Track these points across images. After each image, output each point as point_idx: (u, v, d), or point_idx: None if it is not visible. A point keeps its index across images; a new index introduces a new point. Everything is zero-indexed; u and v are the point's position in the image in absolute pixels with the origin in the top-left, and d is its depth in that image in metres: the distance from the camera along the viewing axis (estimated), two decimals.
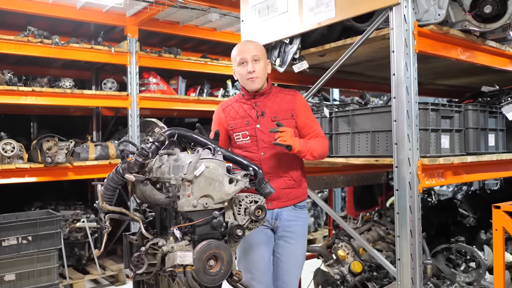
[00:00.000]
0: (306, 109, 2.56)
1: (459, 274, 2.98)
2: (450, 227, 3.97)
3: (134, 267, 1.98)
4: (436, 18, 2.43)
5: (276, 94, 2.57)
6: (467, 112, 2.80)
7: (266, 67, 2.55)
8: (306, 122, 2.52)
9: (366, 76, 4.09)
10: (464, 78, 4.26)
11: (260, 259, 2.50)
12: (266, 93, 2.55)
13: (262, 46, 2.64)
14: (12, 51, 4.38)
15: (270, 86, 2.58)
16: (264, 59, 2.53)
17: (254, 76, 2.47)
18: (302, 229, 2.57)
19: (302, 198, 2.57)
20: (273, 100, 2.55)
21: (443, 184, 2.61)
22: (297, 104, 2.53)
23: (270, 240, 2.55)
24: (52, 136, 4.44)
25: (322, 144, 2.50)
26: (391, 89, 2.43)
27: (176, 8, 4.71)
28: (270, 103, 2.54)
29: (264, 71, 2.52)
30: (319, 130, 2.56)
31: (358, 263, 3.00)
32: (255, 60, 2.48)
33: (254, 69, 2.46)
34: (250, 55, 2.48)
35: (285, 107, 2.53)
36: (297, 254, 2.55)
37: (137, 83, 5.08)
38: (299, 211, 2.55)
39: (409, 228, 2.33)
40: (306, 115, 2.54)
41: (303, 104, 2.56)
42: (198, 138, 2.18)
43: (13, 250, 3.83)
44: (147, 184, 2.01)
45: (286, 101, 2.55)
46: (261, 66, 2.49)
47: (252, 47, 2.52)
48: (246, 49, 2.51)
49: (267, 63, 2.57)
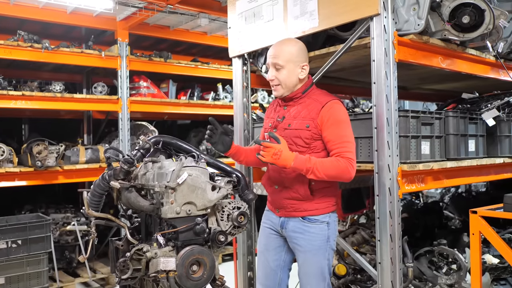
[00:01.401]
0: (333, 122, 2.26)
1: (441, 276, 3.05)
2: (435, 230, 4.04)
3: (120, 272, 2.03)
4: (416, 28, 2.50)
5: (310, 98, 2.36)
6: (448, 119, 2.87)
7: (294, 73, 2.33)
8: (329, 138, 2.26)
9: (353, 82, 4.16)
10: (448, 83, 4.34)
11: (266, 263, 2.53)
12: (296, 98, 2.38)
13: (294, 47, 2.38)
14: (2, 56, 4.39)
15: (303, 89, 2.38)
16: (289, 65, 2.32)
17: (274, 84, 2.37)
18: (309, 244, 2.34)
19: (314, 212, 2.34)
20: (304, 105, 2.35)
21: (424, 189, 2.68)
22: (320, 115, 2.27)
23: (281, 247, 2.50)
24: (42, 140, 4.46)
25: (337, 165, 2.19)
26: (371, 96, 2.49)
27: (166, 13, 4.75)
28: (300, 108, 2.36)
29: (289, 78, 2.33)
30: (344, 148, 2.23)
31: (342, 266, 3.06)
32: (276, 68, 2.34)
33: (273, 77, 2.36)
34: (272, 62, 2.36)
35: (306, 116, 2.31)
36: (307, 269, 2.37)
37: (128, 87, 5.12)
38: (308, 224, 2.34)
39: (389, 232, 2.39)
40: (331, 129, 2.25)
41: (330, 116, 2.26)
42: (183, 146, 2.24)
43: (3, 254, 3.85)
44: (132, 191, 2.07)
45: (311, 108, 2.32)
46: (283, 74, 2.33)
47: (277, 52, 2.35)
48: (271, 54, 2.37)
49: (300, 67, 2.34)
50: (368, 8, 2.44)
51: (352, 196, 4.92)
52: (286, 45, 2.39)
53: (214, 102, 5.90)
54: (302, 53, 2.38)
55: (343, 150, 2.22)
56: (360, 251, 3.19)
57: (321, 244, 2.34)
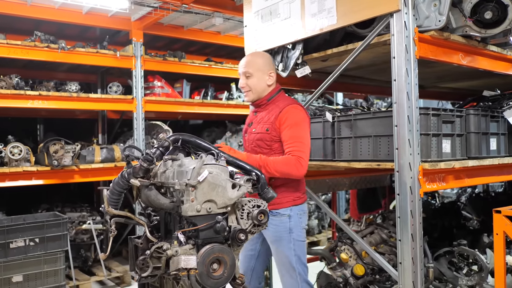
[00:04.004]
0: (289, 124, 2.53)
1: (462, 278, 3.00)
2: (453, 230, 3.98)
3: (139, 270, 2.02)
4: (436, 24, 2.46)
5: (274, 104, 2.66)
6: (469, 117, 2.82)
7: (262, 80, 2.65)
8: (284, 138, 2.55)
9: (369, 80, 4.12)
10: (466, 81, 4.28)
11: (243, 251, 2.80)
12: (263, 104, 2.69)
13: (261, 59, 2.71)
14: (20, 56, 4.45)
15: (269, 97, 2.67)
16: (258, 73, 2.64)
17: (245, 90, 2.68)
18: (274, 235, 2.62)
19: (276, 207, 2.60)
20: (268, 110, 2.66)
21: (445, 188, 2.64)
22: (278, 118, 2.56)
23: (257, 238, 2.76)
24: (59, 139, 4.50)
25: (287, 162, 2.47)
26: (392, 94, 2.46)
27: (181, 13, 4.76)
28: (264, 114, 2.67)
29: (258, 84, 2.65)
30: (296, 148, 2.49)
31: (360, 266, 3.03)
32: (246, 76, 2.66)
33: (244, 84, 2.66)
34: (241, 71, 2.68)
35: (267, 120, 2.62)
36: (276, 259, 2.69)
37: (142, 87, 5.14)
38: (272, 217, 2.54)
39: (410, 232, 2.36)
40: (286, 131, 2.53)
41: (286, 119, 2.54)
42: (202, 144, 2.22)
43: (21, 252, 3.88)
44: (152, 189, 2.05)
45: (272, 113, 2.61)
46: (253, 81, 2.64)
47: (247, 63, 2.68)
48: (242, 64, 2.70)
49: (267, 75, 2.66)
50: (388, 5, 2.41)
51: (368, 196, 4.90)
52: (255, 56, 2.75)
53: (227, 101, 5.90)
54: (268, 63, 2.72)
55: (295, 149, 2.49)
56: (378, 251, 3.15)
57: (284, 235, 2.60)
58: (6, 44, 4.34)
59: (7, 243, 3.82)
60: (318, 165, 3.16)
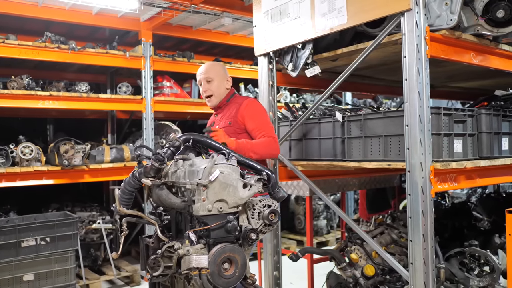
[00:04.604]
0: (252, 114, 2.75)
1: (473, 279, 2.98)
2: (464, 231, 3.95)
3: (151, 269, 2.03)
4: (448, 23, 2.44)
5: (232, 103, 2.85)
6: (480, 116, 2.79)
7: (222, 84, 2.86)
8: (253, 126, 2.73)
9: (379, 80, 4.11)
10: (477, 81, 4.25)
11: None
12: (222, 106, 2.89)
13: (219, 66, 2.92)
14: (31, 56, 4.49)
15: (227, 98, 2.88)
16: (218, 78, 2.85)
17: (207, 95, 2.86)
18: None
19: None
20: (227, 109, 2.86)
21: (456, 188, 2.62)
22: (240, 112, 2.75)
23: None
24: (69, 139, 4.53)
25: (267, 143, 2.67)
26: (403, 93, 2.44)
27: (190, 13, 4.77)
28: (225, 112, 2.85)
29: (219, 88, 2.86)
30: (268, 131, 2.73)
31: (371, 266, 3.01)
32: (207, 81, 2.85)
33: (207, 89, 2.85)
34: (203, 77, 2.86)
35: (229, 116, 2.80)
36: None
37: (151, 87, 5.16)
38: None
39: (422, 232, 2.34)
40: (252, 120, 2.74)
41: (247, 111, 2.75)
42: (213, 144, 2.23)
43: (32, 251, 3.92)
44: (163, 189, 2.06)
45: (232, 110, 2.81)
46: (214, 85, 2.84)
47: (208, 70, 2.86)
48: (202, 71, 2.87)
49: (225, 80, 2.88)
50: (399, 4, 2.40)
51: (377, 197, 4.88)
52: (214, 64, 2.95)
53: None
54: (225, 69, 2.95)
55: (267, 133, 2.71)
56: (389, 252, 3.13)
57: None
58: (18, 45, 4.38)
59: (19, 242, 3.86)
60: (328, 165, 3.15)
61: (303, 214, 6.37)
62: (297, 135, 3.44)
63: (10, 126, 5.78)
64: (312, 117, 3.35)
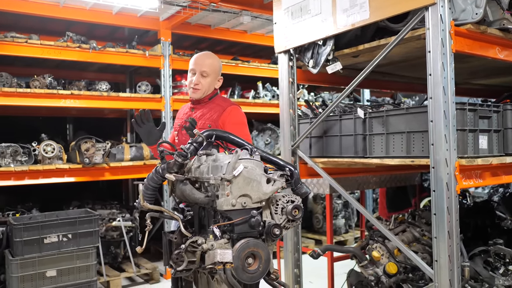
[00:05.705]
0: (234, 122, 2.67)
1: (498, 277, 2.92)
2: (487, 230, 3.88)
3: (174, 264, 2.04)
4: (473, 17, 2.40)
5: (214, 103, 2.76)
6: (506, 112, 2.74)
7: (214, 82, 2.78)
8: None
9: (399, 76, 4.06)
10: (500, 77, 4.17)
11: None
12: (203, 102, 2.79)
13: (218, 63, 2.83)
14: (53, 56, 4.56)
15: (210, 96, 2.79)
16: (213, 75, 2.75)
17: (197, 87, 2.75)
18: None
19: None
20: (208, 108, 2.76)
21: (481, 185, 2.57)
22: (222, 118, 2.68)
23: None
24: (90, 138, 4.60)
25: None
26: (427, 89, 2.41)
27: (209, 12, 4.80)
28: (205, 111, 2.75)
29: (210, 85, 2.76)
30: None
31: (393, 264, 2.98)
32: (202, 75, 2.74)
33: (198, 82, 2.74)
34: (199, 69, 2.74)
35: (209, 117, 2.71)
36: None
37: (170, 86, 5.20)
38: None
39: (447, 229, 2.31)
40: (233, 128, 2.60)
41: (230, 118, 2.68)
42: (235, 139, 2.23)
43: (54, 247, 3.98)
44: (187, 184, 2.07)
45: (214, 112, 2.72)
46: (207, 81, 2.74)
47: (206, 62, 2.76)
48: (199, 62, 2.76)
49: (218, 80, 2.81)
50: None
51: (397, 195, 4.83)
52: (213, 59, 2.83)
53: (254, 100, 5.91)
54: (221, 68, 2.87)
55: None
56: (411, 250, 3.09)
57: None
58: (40, 45, 4.46)
59: (42, 239, 3.93)
60: (349, 162, 3.13)
61: (321, 213, 6.34)
62: (317, 132, 3.42)
63: (31, 125, 5.89)
64: (333, 114, 3.34)
